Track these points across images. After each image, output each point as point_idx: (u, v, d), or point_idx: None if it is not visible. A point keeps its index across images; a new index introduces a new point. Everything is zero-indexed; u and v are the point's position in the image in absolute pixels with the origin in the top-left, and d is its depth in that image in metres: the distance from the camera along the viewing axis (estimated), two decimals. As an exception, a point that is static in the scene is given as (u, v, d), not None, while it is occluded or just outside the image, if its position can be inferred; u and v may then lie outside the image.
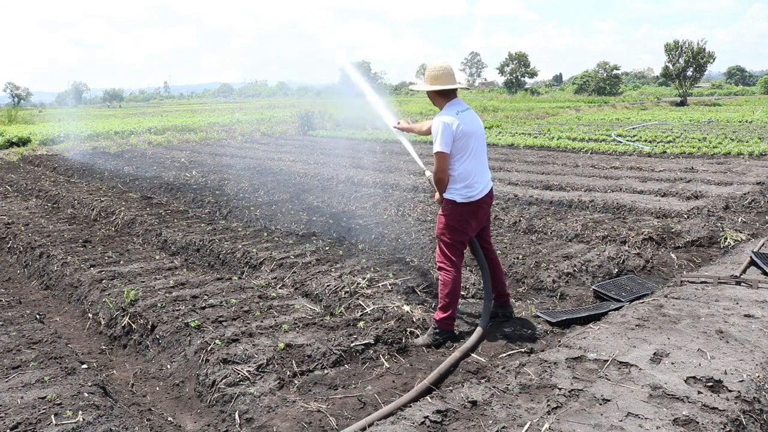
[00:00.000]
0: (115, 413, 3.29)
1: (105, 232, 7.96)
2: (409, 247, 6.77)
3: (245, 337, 4.19)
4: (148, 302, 4.95)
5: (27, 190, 12.11)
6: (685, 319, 4.06)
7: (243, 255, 6.39)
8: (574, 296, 5.27)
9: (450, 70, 4.22)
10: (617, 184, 10.13)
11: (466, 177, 4.22)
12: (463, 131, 4.13)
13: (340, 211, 8.72)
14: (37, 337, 4.40)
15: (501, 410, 2.98)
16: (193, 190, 11.16)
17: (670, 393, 3.05)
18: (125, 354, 4.53)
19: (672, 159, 13.45)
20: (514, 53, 79.60)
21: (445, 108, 4.23)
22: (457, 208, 4.28)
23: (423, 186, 10.64)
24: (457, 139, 4.12)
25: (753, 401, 2.98)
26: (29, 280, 6.55)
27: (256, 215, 8.80)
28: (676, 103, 47.62)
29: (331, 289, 5.20)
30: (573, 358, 3.53)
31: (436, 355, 4.13)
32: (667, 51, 54.25)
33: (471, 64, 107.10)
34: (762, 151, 13.42)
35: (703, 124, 23.56)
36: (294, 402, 3.43)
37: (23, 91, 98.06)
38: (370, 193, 10.15)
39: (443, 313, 4.29)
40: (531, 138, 18.67)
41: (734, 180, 10.02)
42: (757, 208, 8.17)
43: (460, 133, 4.11)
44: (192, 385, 3.85)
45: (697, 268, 5.88)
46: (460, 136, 4.12)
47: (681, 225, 7.09)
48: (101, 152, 19.37)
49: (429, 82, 4.25)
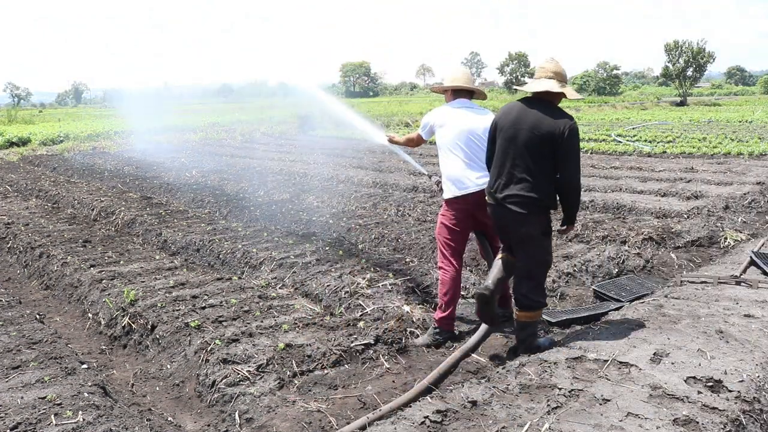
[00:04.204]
0: (115, 413, 3.29)
1: (105, 232, 7.96)
2: (409, 247, 6.77)
3: (245, 337, 4.19)
4: (148, 302, 4.95)
5: (27, 190, 12.11)
6: (685, 319, 4.06)
7: (243, 255, 6.39)
8: (574, 296, 5.27)
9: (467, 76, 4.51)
10: (617, 184, 10.13)
11: (456, 172, 4.27)
12: (444, 122, 4.32)
13: (340, 211, 8.72)
14: (37, 337, 4.40)
15: (501, 410, 2.98)
16: (193, 190, 11.16)
17: (670, 393, 3.05)
18: (125, 354, 4.53)
19: (672, 159, 13.45)
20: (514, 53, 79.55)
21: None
22: (451, 205, 4.33)
23: (423, 186, 10.64)
24: (437, 126, 4.37)
25: (753, 401, 2.98)
26: (29, 280, 6.55)
27: (256, 215, 8.80)
28: (676, 103, 47.62)
29: (331, 289, 5.20)
30: (573, 358, 3.53)
31: (436, 355, 4.13)
32: (667, 51, 54.21)
33: (471, 64, 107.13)
34: (762, 151, 13.42)
35: (703, 124, 23.57)
36: (294, 402, 3.43)
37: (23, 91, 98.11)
38: (370, 193, 10.15)
39: (443, 313, 4.29)
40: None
41: (734, 180, 10.02)
42: (757, 208, 8.17)
43: (440, 122, 4.35)
44: (192, 385, 3.85)
45: (697, 268, 5.88)
46: (441, 125, 4.34)
47: (681, 225, 7.09)
48: (101, 152, 19.37)
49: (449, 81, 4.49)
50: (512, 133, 3.75)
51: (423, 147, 15.79)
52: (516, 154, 3.72)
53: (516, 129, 3.73)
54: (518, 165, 3.71)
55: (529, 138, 3.67)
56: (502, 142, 3.82)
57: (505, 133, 3.80)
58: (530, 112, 3.73)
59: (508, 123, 3.79)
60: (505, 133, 3.79)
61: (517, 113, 3.77)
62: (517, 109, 3.80)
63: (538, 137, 3.65)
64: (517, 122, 3.74)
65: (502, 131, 3.83)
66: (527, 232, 3.78)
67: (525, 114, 3.74)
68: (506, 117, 3.82)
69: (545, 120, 3.66)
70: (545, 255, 3.90)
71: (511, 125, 3.77)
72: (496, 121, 3.93)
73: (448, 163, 4.30)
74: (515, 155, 3.72)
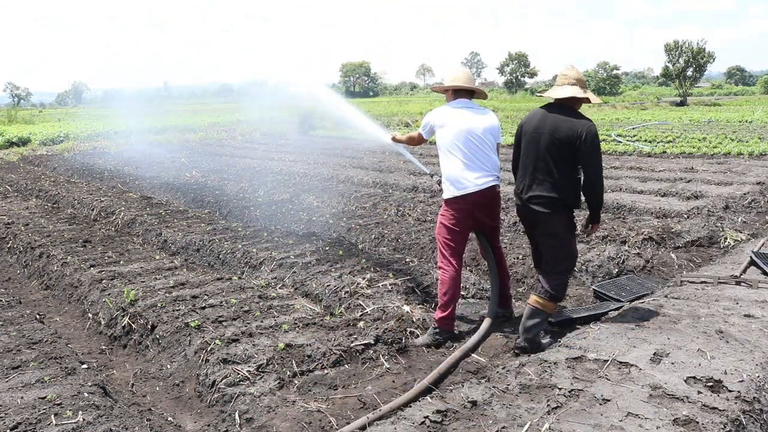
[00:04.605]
0: (115, 413, 3.29)
1: (105, 232, 7.96)
2: (409, 247, 6.77)
3: (245, 337, 4.19)
4: (148, 302, 4.95)
5: (27, 190, 12.11)
6: (685, 319, 4.06)
7: (243, 255, 6.39)
8: (574, 296, 5.28)
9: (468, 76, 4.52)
10: (617, 184, 10.13)
11: (455, 172, 4.27)
12: (444, 122, 4.33)
13: (340, 211, 8.71)
14: (37, 337, 4.40)
15: (501, 410, 2.98)
16: (193, 190, 11.16)
17: (670, 393, 3.05)
18: (125, 354, 4.53)
19: (672, 159, 13.45)
20: (514, 53, 79.57)
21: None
22: (450, 205, 4.33)
23: (423, 186, 10.64)
24: (437, 126, 4.38)
25: (753, 401, 2.98)
26: (29, 280, 6.55)
27: (256, 215, 8.80)
28: (676, 103, 47.61)
29: (331, 289, 5.20)
30: (573, 358, 3.53)
31: (436, 355, 4.13)
32: (667, 51, 54.22)
33: (471, 64, 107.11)
34: (762, 151, 13.42)
35: (703, 124, 23.57)
36: (294, 402, 3.43)
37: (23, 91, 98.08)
38: (370, 193, 10.15)
39: (443, 313, 4.29)
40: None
41: (734, 180, 10.02)
42: (757, 208, 8.17)
43: (440, 122, 4.36)
44: (192, 385, 3.85)
45: (697, 268, 5.88)
46: (441, 125, 4.35)
47: (681, 225, 7.09)
48: (101, 152, 19.37)
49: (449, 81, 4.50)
50: (535, 137, 4.01)
51: (424, 147, 15.83)
52: (538, 157, 3.98)
53: (538, 133, 3.99)
54: (541, 167, 3.97)
55: (550, 142, 3.92)
56: (525, 146, 4.09)
57: (528, 138, 4.07)
58: (550, 117, 3.99)
59: (531, 128, 4.06)
60: (529, 137, 4.07)
61: (539, 118, 4.04)
62: (539, 115, 4.07)
63: (558, 141, 3.90)
64: (539, 127, 4.00)
65: (526, 136, 4.10)
66: (552, 231, 4.05)
67: (546, 119, 4.01)
68: (529, 122, 4.10)
69: (565, 124, 3.91)
70: (570, 252, 4.14)
71: (534, 130, 4.03)
72: (521, 126, 4.19)
73: (447, 163, 4.31)
74: (537, 158, 3.99)
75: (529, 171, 4.03)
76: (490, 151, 4.32)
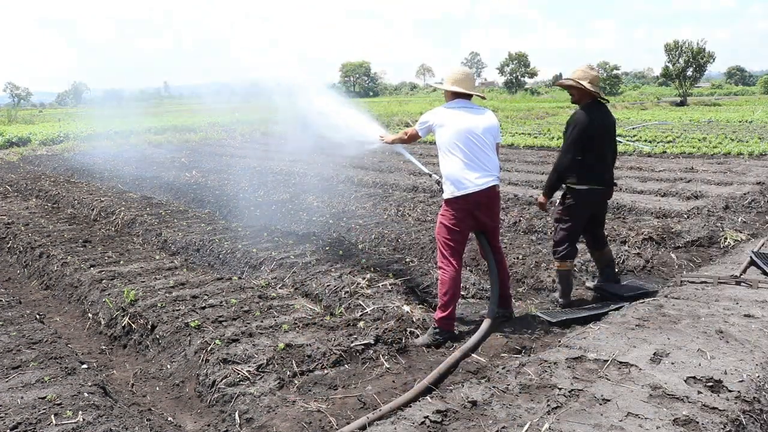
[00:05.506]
0: (115, 413, 3.29)
1: (105, 232, 7.96)
2: (408, 247, 6.77)
3: (245, 337, 4.19)
4: (148, 302, 4.95)
5: (27, 190, 12.10)
6: (685, 319, 4.06)
7: (243, 255, 6.39)
8: (574, 296, 5.27)
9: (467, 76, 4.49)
10: (617, 183, 10.11)
11: (455, 172, 4.27)
12: (443, 123, 4.32)
13: (340, 211, 8.72)
14: (37, 337, 4.40)
15: (501, 410, 2.98)
16: (193, 190, 11.16)
17: (670, 393, 3.05)
18: (125, 354, 4.53)
19: (672, 159, 13.45)
20: (514, 53, 79.56)
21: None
22: (451, 205, 4.33)
23: (423, 186, 10.64)
24: (436, 126, 4.38)
25: (753, 401, 2.98)
26: (29, 280, 6.55)
27: (256, 215, 8.79)
28: (676, 103, 47.59)
29: (331, 289, 5.20)
30: (573, 358, 3.53)
31: (436, 355, 4.13)
32: (667, 51, 54.19)
33: (471, 64, 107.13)
34: (762, 151, 13.42)
35: (703, 124, 23.56)
36: (294, 402, 3.43)
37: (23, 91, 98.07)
38: (370, 193, 10.15)
39: (443, 313, 4.29)
40: (531, 138, 18.67)
41: (734, 180, 10.02)
42: (757, 208, 8.17)
43: (439, 122, 4.36)
44: (192, 385, 3.85)
45: (697, 268, 5.88)
46: (440, 125, 4.35)
47: (681, 225, 7.09)
48: (101, 152, 19.35)
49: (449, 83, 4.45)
50: (609, 131, 4.95)
51: (424, 147, 15.82)
52: (611, 146, 5.07)
53: (606, 127, 4.92)
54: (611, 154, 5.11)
55: (613, 131, 5.04)
56: (599, 141, 4.83)
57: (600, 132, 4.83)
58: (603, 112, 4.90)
59: (600, 125, 4.82)
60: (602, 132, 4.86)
61: (601, 116, 4.85)
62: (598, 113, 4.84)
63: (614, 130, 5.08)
64: (606, 122, 4.90)
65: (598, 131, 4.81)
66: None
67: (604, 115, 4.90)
68: (594, 121, 4.79)
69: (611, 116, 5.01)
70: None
71: (604, 126, 4.86)
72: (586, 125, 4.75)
73: (447, 163, 4.31)
74: (611, 147, 5.06)
75: (608, 159, 4.99)
76: (490, 151, 4.33)
